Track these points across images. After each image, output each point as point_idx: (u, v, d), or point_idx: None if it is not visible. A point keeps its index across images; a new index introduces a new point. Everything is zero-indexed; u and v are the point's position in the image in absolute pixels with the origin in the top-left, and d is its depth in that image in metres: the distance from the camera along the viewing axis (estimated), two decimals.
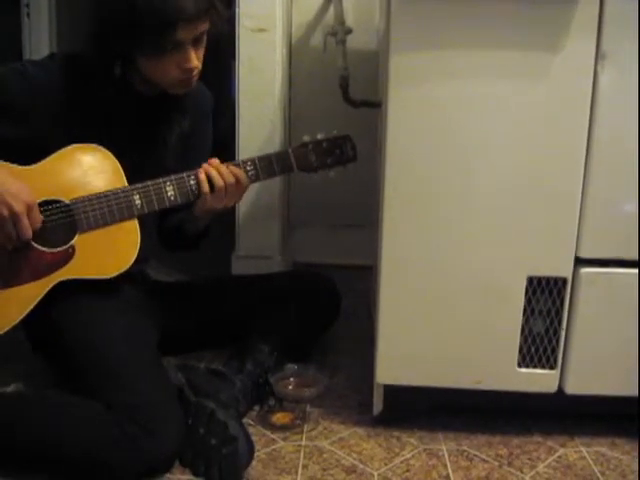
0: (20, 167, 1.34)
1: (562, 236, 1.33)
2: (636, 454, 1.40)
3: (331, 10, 2.36)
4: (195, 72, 1.41)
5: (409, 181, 1.33)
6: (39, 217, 1.32)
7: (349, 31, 2.24)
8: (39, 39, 2.89)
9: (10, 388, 1.53)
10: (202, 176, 1.45)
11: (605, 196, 1.31)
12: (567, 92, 1.27)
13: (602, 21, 1.23)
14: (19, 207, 1.27)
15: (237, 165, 1.50)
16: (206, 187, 1.45)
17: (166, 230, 1.66)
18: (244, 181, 1.49)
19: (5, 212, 1.27)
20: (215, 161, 1.48)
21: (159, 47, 1.34)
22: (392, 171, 1.33)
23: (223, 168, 1.47)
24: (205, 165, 1.47)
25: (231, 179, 1.47)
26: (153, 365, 1.40)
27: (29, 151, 1.35)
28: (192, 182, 1.45)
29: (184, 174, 1.45)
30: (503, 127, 1.29)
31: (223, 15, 1.41)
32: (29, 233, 1.30)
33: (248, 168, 1.51)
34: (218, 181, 1.46)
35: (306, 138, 1.58)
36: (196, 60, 1.39)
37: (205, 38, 1.40)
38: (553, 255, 1.34)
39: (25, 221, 1.29)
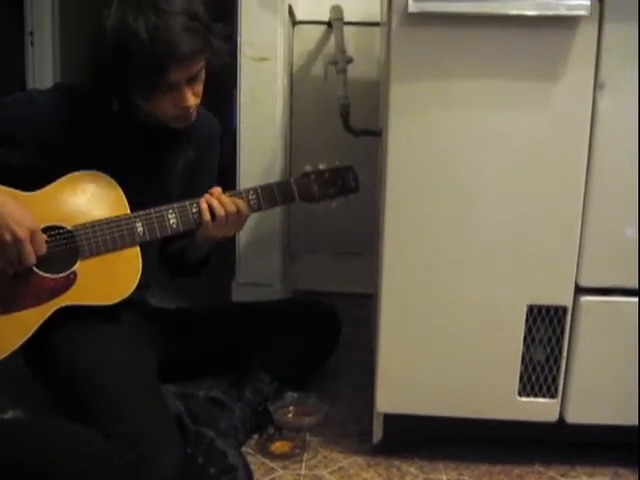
0: (23, 193, 1.35)
1: (562, 265, 1.33)
2: None
3: (332, 39, 2.38)
4: (192, 108, 1.41)
5: (409, 209, 1.33)
6: (43, 243, 1.32)
7: (350, 60, 2.26)
8: (43, 67, 2.91)
9: (8, 415, 1.53)
10: (204, 205, 1.46)
11: (605, 224, 1.31)
12: (566, 121, 1.28)
13: (600, 50, 1.25)
14: (22, 233, 1.28)
15: (239, 195, 1.51)
16: (207, 216, 1.46)
17: (168, 256, 1.67)
18: (245, 211, 1.50)
19: (8, 237, 1.27)
20: (217, 190, 1.49)
21: (153, 89, 1.34)
22: (392, 199, 1.34)
23: (225, 197, 1.48)
24: (207, 195, 1.48)
25: (232, 209, 1.48)
26: (152, 393, 1.39)
27: (33, 178, 1.36)
28: (194, 210, 1.46)
29: (186, 202, 1.46)
30: (503, 155, 1.30)
31: (220, 50, 1.40)
32: (32, 259, 1.31)
33: (250, 197, 1.51)
34: (219, 210, 1.46)
35: (308, 168, 1.59)
36: (192, 99, 1.39)
37: (203, 73, 1.40)
38: (553, 284, 1.34)
39: (28, 247, 1.29)
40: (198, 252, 1.59)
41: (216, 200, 1.47)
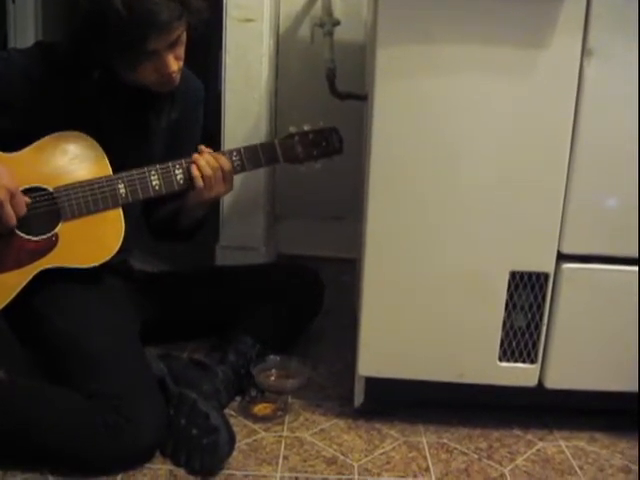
0: (3, 154, 1.33)
1: (545, 232, 1.34)
2: (615, 449, 1.41)
3: (319, 1, 2.35)
4: (176, 73, 1.38)
5: (394, 174, 1.33)
6: (23, 204, 1.31)
7: (337, 23, 2.23)
8: (24, 26, 2.86)
9: None
10: (195, 171, 1.45)
11: (588, 193, 1.32)
12: (553, 88, 1.27)
13: (589, 18, 1.24)
14: (1, 194, 1.26)
15: (222, 153, 1.50)
16: (197, 173, 1.44)
17: (159, 221, 1.65)
18: (227, 167, 1.48)
19: None
20: (205, 150, 1.48)
21: (134, 58, 1.32)
22: (377, 164, 1.33)
23: (210, 156, 1.47)
24: (196, 155, 1.47)
25: (215, 164, 1.46)
26: (135, 355, 1.40)
27: (13, 139, 1.34)
28: (177, 171, 1.45)
29: (169, 163, 1.44)
30: (488, 122, 1.29)
31: (200, 10, 1.35)
32: (13, 221, 1.29)
33: (234, 158, 1.50)
34: (206, 170, 1.45)
35: (292, 129, 1.58)
36: (174, 64, 1.36)
37: (184, 35, 1.36)
38: (536, 250, 1.35)
39: (8, 208, 1.27)
40: (191, 216, 1.58)
41: (203, 160, 1.46)
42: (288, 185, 2.51)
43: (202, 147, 1.50)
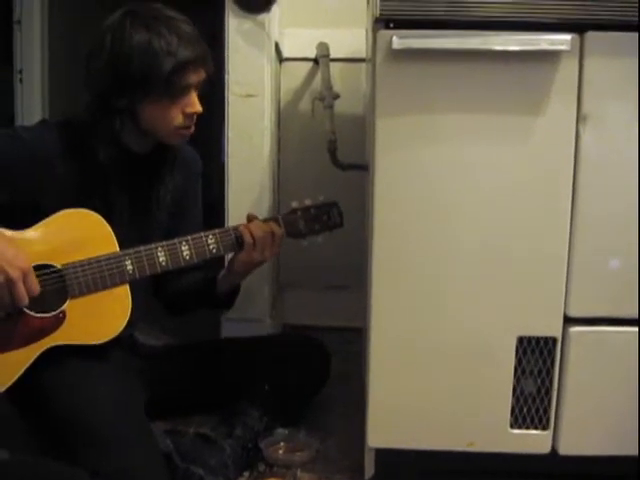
0: (12, 232, 1.34)
1: (551, 296, 1.34)
2: None
3: (318, 76, 2.41)
4: (195, 118, 1.46)
5: (397, 243, 1.34)
6: (36, 284, 1.30)
7: (336, 96, 2.28)
8: (31, 105, 2.92)
9: None
10: (247, 233, 1.52)
11: (592, 255, 1.32)
12: (550, 154, 1.29)
13: (582, 84, 1.27)
14: (15, 273, 1.26)
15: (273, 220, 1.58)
16: (249, 238, 1.51)
17: (181, 293, 1.68)
18: (277, 232, 1.56)
19: (1, 278, 1.25)
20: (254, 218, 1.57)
21: (170, 91, 1.40)
22: (380, 233, 1.34)
23: (260, 223, 1.55)
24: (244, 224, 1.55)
25: (266, 229, 1.54)
26: (141, 431, 1.38)
27: (21, 215, 1.36)
28: (184, 247, 1.46)
29: (176, 240, 1.46)
30: (490, 188, 1.31)
31: (212, 67, 1.47)
32: (25, 300, 1.29)
33: (237, 235, 1.53)
34: (258, 232, 1.52)
35: (294, 204, 1.60)
36: (198, 105, 1.45)
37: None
38: (542, 315, 1.35)
39: (21, 288, 1.27)
40: (231, 280, 1.64)
41: (254, 224, 1.53)
42: (292, 255, 2.51)
43: (250, 214, 1.58)
